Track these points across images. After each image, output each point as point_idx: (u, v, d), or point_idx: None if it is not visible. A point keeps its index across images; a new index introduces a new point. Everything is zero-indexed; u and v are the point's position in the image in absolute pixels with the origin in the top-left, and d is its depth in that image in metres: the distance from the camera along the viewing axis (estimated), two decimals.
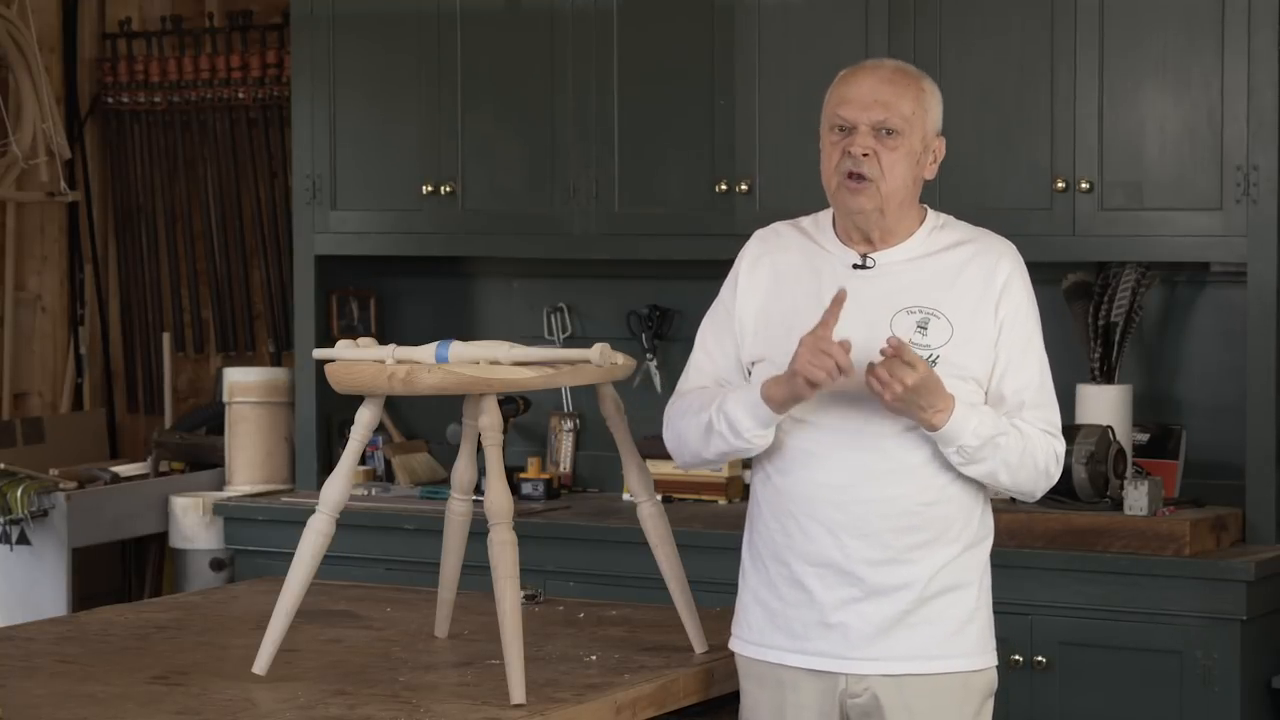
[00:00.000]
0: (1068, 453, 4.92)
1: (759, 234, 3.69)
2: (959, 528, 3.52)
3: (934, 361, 3.46)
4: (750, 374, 3.59)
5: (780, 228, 3.68)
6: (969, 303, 3.52)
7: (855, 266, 3.55)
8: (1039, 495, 3.60)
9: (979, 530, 3.57)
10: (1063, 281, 5.32)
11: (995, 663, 3.61)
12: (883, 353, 3.37)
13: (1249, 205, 4.97)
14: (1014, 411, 3.52)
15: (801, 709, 3.53)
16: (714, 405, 3.53)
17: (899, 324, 3.48)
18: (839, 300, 3.39)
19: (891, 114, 3.48)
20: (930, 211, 3.62)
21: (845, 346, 3.36)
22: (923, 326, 3.49)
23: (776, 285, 3.58)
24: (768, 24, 5.48)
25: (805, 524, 3.51)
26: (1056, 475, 3.58)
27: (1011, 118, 5.23)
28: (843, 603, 3.49)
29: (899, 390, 3.35)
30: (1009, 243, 3.61)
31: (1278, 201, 4.95)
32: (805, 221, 3.65)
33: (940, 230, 3.59)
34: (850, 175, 3.48)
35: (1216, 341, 5.31)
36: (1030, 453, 3.51)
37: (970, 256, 3.55)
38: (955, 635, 3.52)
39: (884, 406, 3.40)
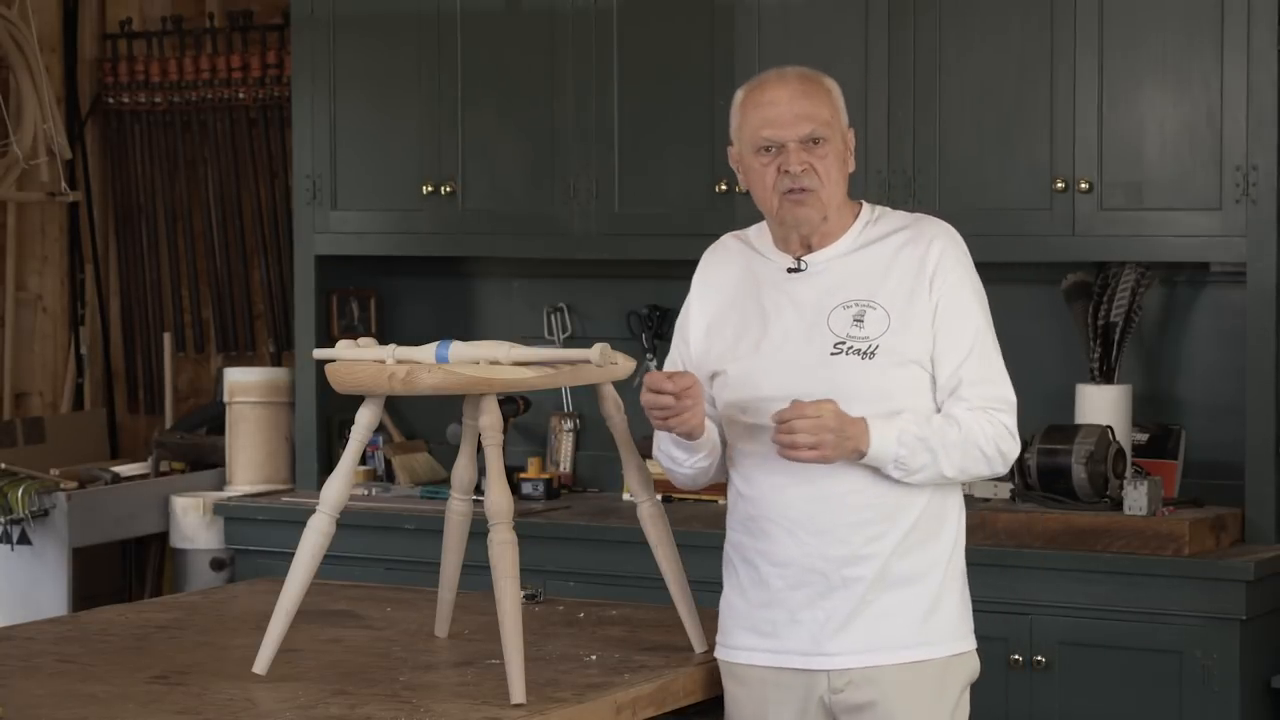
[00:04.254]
0: (1067, 452, 4.97)
1: (708, 250, 3.79)
2: (916, 515, 3.54)
3: (874, 351, 3.51)
4: (712, 386, 3.65)
5: (727, 240, 3.78)
6: (904, 289, 3.55)
7: (790, 271, 3.62)
8: (1000, 474, 3.60)
9: (944, 517, 3.58)
10: (1063, 281, 5.32)
11: (973, 646, 3.62)
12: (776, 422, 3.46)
13: (1248, 205, 4.97)
14: (954, 390, 3.54)
15: (782, 706, 3.56)
16: (657, 448, 3.70)
17: (835, 320, 3.54)
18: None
19: (817, 124, 3.55)
20: (865, 206, 3.67)
21: (674, 380, 3.50)
22: (859, 319, 3.54)
23: (722, 298, 3.67)
24: (768, 24, 5.49)
25: (766, 525, 3.57)
26: (1014, 451, 3.57)
27: (1011, 118, 5.23)
28: (808, 599, 3.53)
29: (807, 441, 3.42)
30: (945, 225, 3.63)
31: (1277, 201, 4.95)
32: (750, 231, 3.74)
33: (874, 223, 3.64)
34: (791, 191, 3.55)
35: (1216, 341, 5.32)
36: (972, 440, 3.51)
37: (903, 244, 3.59)
38: (925, 621, 3.54)
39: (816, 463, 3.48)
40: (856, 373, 3.51)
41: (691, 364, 3.67)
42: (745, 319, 3.62)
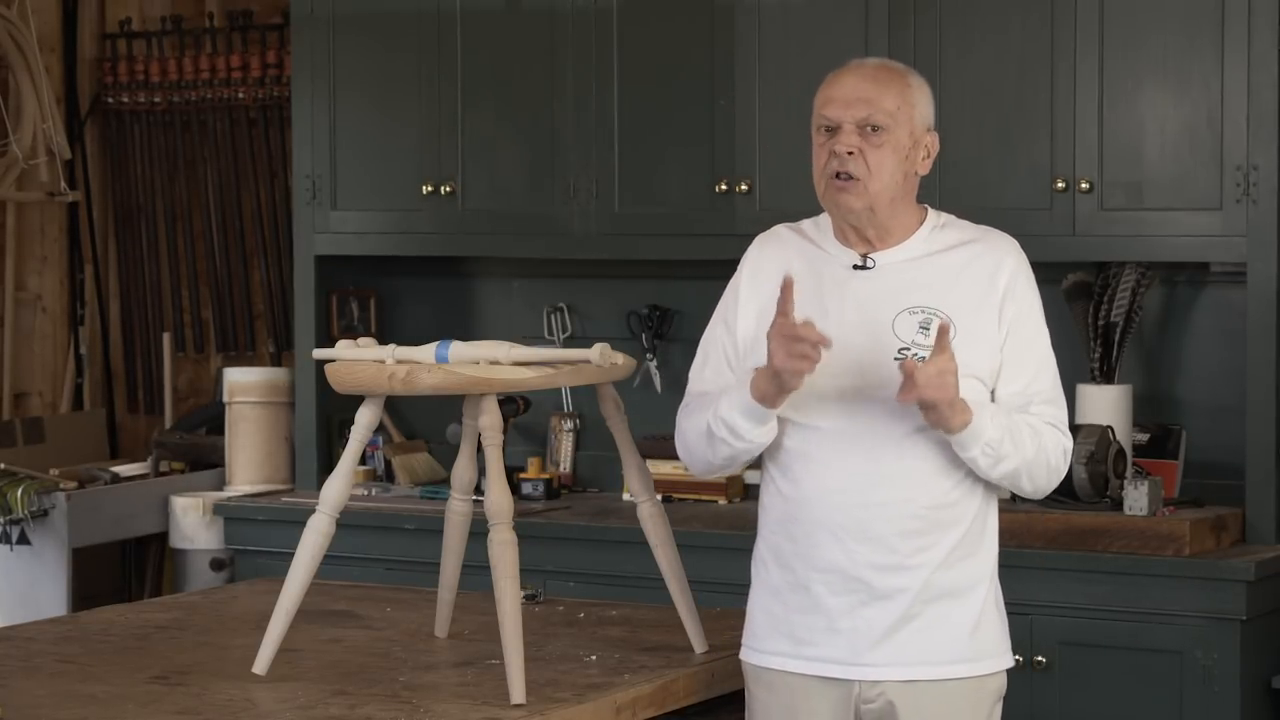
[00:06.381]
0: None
1: (759, 239, 3.66)
2: (964, 530, 3.50)
3: None
4: None
5: (781, 231, 3.65)
6: (972, 302, 3.49)
7: (855, 267, 3.53)
8: (1049, 491, 3.59)
9: (986, 531, 3.56)
10: (1063, 281, 5.32)
11: (1009, 664, 3.58)
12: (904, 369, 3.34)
13: (1249, 205, 4.97)
14: (1023, 407, 3.51)
15: (814, 715, 3.51)
16: (711, 410, 3.51)
17: (901, 324, 3.46)
18: (788, 286, 3.36)
19: (875, 110, 3.46)
20: (931, 211, 3.60)
21: (809, 326, 3.33)
22: (925, 327, 3.46)
23: (776, 287, 3.49)
24: (768, 24, 5.49)
25: (810, 529, 3.48)
26: (1065, 471, 3.57)
27: (1011, 118, 5.23)
28: (850, 608, 3.46)
29: (937, 385, 3.32)
30: (1012, 241, 3.59)
31: (1278, 201, 4.95)
32: (806, 224, 3.63)
33: (941, 230, 3.57)
34: (837, 175, 3.47)
35: (1216, 341, 5.31)
36: (1044, 449, 3.50)
37: (973, 256, 3.53)
38: (968, 638, 3.50)
39: (929, 420, 3.37)
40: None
41: (736, 353, 3.56)
42: (802, 312, 3.42)
